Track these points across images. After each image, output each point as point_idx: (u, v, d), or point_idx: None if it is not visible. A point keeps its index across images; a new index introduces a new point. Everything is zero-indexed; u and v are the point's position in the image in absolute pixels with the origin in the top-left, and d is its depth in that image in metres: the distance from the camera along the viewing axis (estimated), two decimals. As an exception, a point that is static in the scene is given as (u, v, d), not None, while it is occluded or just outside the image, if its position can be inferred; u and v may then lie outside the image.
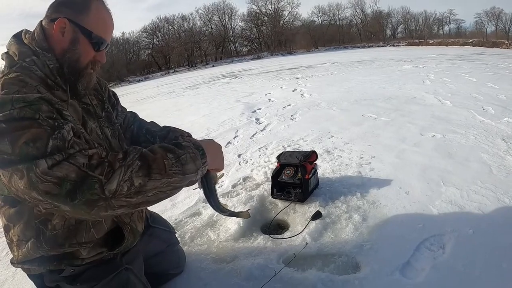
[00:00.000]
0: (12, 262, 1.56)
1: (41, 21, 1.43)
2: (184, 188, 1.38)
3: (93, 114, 1.58)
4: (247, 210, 1.94)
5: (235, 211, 1.88)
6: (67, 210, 1.15)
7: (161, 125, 2.00)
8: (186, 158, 1.31)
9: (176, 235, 2.28)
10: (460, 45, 35.03)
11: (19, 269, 1.61)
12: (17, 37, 1.43)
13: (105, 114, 1.68)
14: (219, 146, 1.63)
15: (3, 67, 1.39)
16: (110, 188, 1.14)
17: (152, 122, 2.04)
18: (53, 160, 1.11)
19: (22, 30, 1.46)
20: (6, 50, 1.41)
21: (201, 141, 1.53)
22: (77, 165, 1.13)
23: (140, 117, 2.08)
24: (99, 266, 1.57)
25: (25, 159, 1.11)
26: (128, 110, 2.07)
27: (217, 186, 1.73)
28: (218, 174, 1.75)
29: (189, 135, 1.89)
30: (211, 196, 1.67)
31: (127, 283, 1.63)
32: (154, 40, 60.03)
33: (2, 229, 1.53)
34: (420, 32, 59.32)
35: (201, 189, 1.66)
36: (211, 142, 1.59)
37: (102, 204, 1.14)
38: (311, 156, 2.92)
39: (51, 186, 1.10)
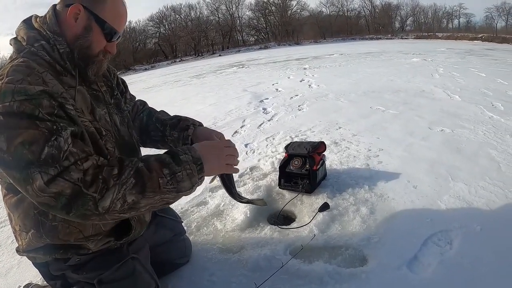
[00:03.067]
0: (17, 251, 1.58)
1: (55, 5, 1.41)
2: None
3: (102, 100, 1.57)
4: (262, 199, 1.95)
5: (252, 199, 1.90)
6: (64, 218, 1.22)
7: (171, 114, 1.98)
8: (182, 176, 1.30)
9: (182, 224, 2.28)
10: (469, 40, 34.67)
11: (24, 257, 1.61)
12: (27, 22, 1.40)
13: (114, 101, 1.67)
14: (222, 149, 1.52)
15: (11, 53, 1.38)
16: (104, 205, 1.17)
17: (162, 111, 2.04)
18: (48, 176, 1.12)
19: (32, 15, 1.44)
20: (14, 36, 1.39)
21: (204, 145, 1.50)
22: (71, 181, 1.14)
23: (150, 106, 2.07)
24: (105, 255, 1.58)
25: (19, 163, 1.12)
26: (137, 98, 2.06)
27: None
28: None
29: (200, 124, 1.88)
30: (230, 186, 1.70)
31: (133, 272, 1.63)
32: (161, 29, 59.76)
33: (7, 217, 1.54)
34: (429, 25, 58.91)
35: (219, 180, 1.68)
36: (212, 148, 1.49)
37: (95, 218, 1.19)
38: (320, 146, 2.90)
39: (48, 199, 1.13)
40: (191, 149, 1.40)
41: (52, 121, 1.18)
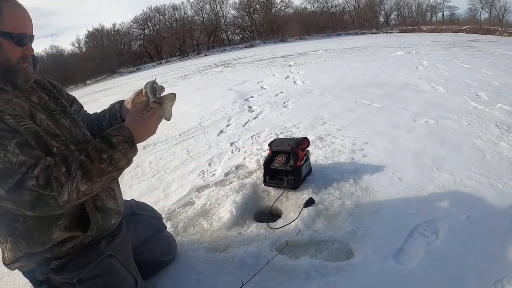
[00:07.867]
0: (4, 264, 1.65)
1: None
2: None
3: (41, 109, 1.61)
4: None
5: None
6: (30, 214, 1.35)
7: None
8: (119, 157, 1.45)
9: (169, 225, 2.29)
10: (453, 32, 35.04)
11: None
12: None
13: (59, 108, 1.73)
14: (147, 119, 1.58)
15: None
16: (63, 199, 1.31)
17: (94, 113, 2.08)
18: (8, 185, 1.24)
19: None
20: None
21: (131, 119, 1.57)
22: (27, 188, 1.26)
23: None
24: (83, 255, 1.64)
25: None
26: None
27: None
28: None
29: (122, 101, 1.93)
30: None
31: (110, 270, 1.68)
32: (146, 31, 59.09)
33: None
34: (414, 19, 59.08)
35: None
36: (138, 122, 1.56)
37: (58, 209, 1.35)
38: (303, 142, 2.91)
39: (11, 204, 1.29)
40: (121, 128, 1.52)
41: None
